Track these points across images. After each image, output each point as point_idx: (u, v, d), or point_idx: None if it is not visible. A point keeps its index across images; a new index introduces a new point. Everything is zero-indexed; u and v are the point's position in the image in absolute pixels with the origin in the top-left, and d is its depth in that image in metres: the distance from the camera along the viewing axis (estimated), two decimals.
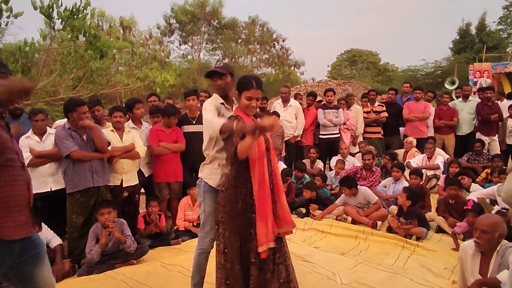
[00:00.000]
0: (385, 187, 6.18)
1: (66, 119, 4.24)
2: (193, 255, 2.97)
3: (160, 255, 4.27)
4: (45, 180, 4.28)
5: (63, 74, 8.44)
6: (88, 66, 7.71)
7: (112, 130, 4.54)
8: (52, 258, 3.74)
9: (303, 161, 7.08)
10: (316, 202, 5.65)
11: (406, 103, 8.11)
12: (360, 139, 8.01)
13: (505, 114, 7.73)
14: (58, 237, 4.00)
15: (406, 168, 6.54)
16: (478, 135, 7.71)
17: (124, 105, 5.28)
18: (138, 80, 9.83)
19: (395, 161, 6.75)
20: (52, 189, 4.32)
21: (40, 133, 4.31)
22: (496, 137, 7.74)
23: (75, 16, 6.24)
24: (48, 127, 4.44)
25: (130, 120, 5.10)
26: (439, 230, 5.00)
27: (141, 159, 4.91)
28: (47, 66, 9.41)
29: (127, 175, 4.58)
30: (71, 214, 4.08)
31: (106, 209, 3.89)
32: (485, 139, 7.58)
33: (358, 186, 5.51)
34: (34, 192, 3.98)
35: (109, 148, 4.30)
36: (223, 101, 2.85)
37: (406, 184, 5.86)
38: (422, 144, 7.41)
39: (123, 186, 4.54)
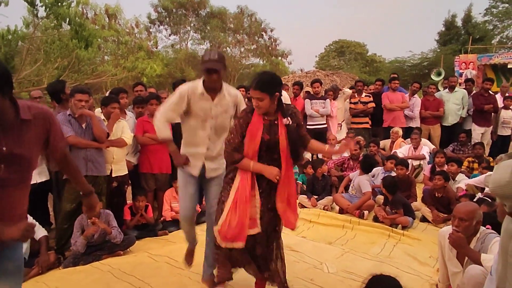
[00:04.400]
0: (373, 176, 6.23)
1: None
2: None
3: (147, 246, 4.24)
4: None
5: (47, 63, 8.28)
6: (72, 55, 7.57)
7: (103, 120, 4.47)
8: (37, 250, 3.70)
9: None
10: (321, 182, 5.86)
11: (385, 93, 8.14)
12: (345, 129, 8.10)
13: (500, 105, 7.85)
14: (43, 228, 3.94)
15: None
16: (473, 126, 7.83)
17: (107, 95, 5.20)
18: (125, 70, 9.69)
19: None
20: (38, 182, 4.26)
21: None
22: (490, 128, 7.86)
23: (60, 4, 6.09)
24: None
25: None
26: (424, 219, 5.08)
27: (129, 148, 4.87)
28: (31, 55, 9.19)
29: (116, 165, 4.52)
30: (66, 203, 4.00)
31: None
32: (479, 129, 7.69)
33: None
34: None
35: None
36: (203, 91, 2.88)
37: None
38: (405, 133, 7.51)
39: (113, 176, 4.49)
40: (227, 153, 2.69)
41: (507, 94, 8.19)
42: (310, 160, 7.27)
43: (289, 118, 2.64)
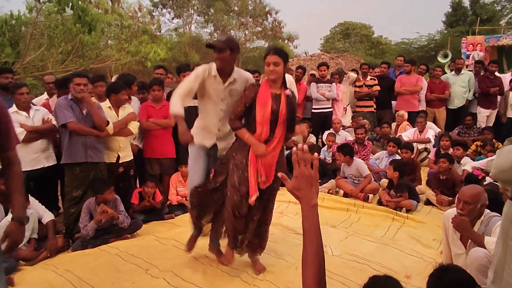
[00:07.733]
0: (377, 160, 6.23)
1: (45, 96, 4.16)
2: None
3: (154, 229, 4.31)
4: (38, 157, 4.24)
5: (51, 48, 8.27)
6: (76, 40, 7.56)
7: (109, 107, 4.47)
8: (44, 234, 3.77)
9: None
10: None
11: (399, 77, 8.08)
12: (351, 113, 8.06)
13: (506, 87, 7.74)
14: (50, 212, 4.00)
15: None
16: (478, 109, 7.76)
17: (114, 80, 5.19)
18: (129, 55, 9.67)
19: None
20: (45, 166, 4.30)
21: (25, 106, 4.21)
22: (495, 111, 7.78)
23: None
24: (32, 104, 4.39)
25: None
26: (429, 202, 5.09)
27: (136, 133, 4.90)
28: (35, 40, 9.18)
29: (123, 152, 4.55)
30: (70, 188, 4.07)
31: (108, 191, 3.92)
32: (484, 111, 7.62)
33: (354, 158, 5.59)
34: (27, 169, 4.03)
35: (109, 126, 4.23)
36: (216, 74, 3.00)
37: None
38: (413, 118, 7.44)
39: (119, 162, 4.52)
40: (230, 119, 2.96)
41: None
42: (315, 143, 7.27)
43: (289, 89, 2.92)
